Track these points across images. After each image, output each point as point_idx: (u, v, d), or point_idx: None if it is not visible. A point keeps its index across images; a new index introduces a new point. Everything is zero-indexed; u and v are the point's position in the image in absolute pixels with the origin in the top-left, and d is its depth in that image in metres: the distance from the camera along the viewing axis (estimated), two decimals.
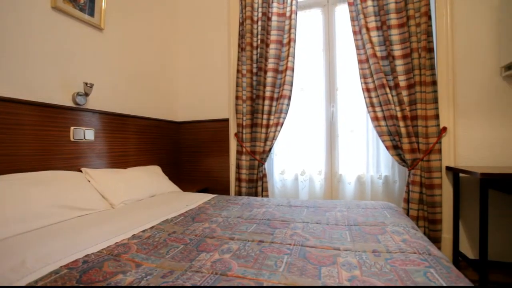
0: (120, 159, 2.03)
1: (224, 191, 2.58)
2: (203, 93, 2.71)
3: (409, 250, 0.97)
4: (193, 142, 2.74)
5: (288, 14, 2.29)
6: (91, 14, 1.81)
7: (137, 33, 2.25)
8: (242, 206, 1.67)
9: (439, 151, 1.95)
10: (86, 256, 0.91)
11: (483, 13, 1.94)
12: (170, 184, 2.15)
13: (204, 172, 2.70)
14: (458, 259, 1.96)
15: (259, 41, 2.34)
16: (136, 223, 1.29)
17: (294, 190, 2.39)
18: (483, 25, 1.95)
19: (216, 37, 2.65)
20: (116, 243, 1.03)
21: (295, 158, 2.40)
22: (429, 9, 1.94)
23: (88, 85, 1.69)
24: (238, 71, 2.41)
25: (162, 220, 1.35)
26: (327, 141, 2.32)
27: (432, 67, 1.93)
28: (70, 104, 1.67)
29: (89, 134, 1.77)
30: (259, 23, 2.35)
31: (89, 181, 1.60)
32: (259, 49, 2.33)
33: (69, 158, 1.64)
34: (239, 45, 2.43)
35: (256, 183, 2.33)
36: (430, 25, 1.94)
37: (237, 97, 2.41)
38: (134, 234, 1.13)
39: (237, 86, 2.41)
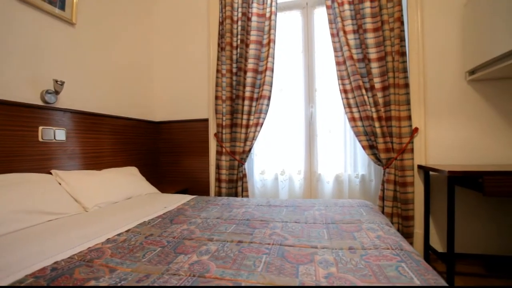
0: (94, 160, 1.95)
1: (204, 192, 2.55)
2: (182, 92, 2.66)
3: (382, 246, 1.01)
4: (172, 143, 2.69)
5: (268, 15, 2.31)
6: (62, 7, 1.72)
7: (111, 29, 2.17)
8: (221, 207, 1.66)
9: (412, 150, 2.04)
10: (55, 263, 0.86)
11: (450, 21, 2.06)
12: (148, 186, 2.09)
13: (183, 173, 2.66)
14: (429, 253, 2.06)
15: (239, 41, 2.34)
16: (111, 226, 1.24)
17: (274, 190, 2.41)
18: (450, 32, 2.06)
19: (195, 36, 2.62)
20: (89, 248, 0.99)
21: (275, 158, 2.42)
22: (402, 15, 2.03)
23: (58, 82, 1.61)
24: (217, 70, 2.40)
25: (139, 222, 1.31)
26: (306, 141, 2.36)
27: (404, 70, 2.02)
28: (38, 102, 1.58)
29: (60, 134, 1.68)
30: (239, 23, 2.35)
31: (60, 184, 1.52)
32: (239, 49, 2.33)
33: (37, 160, 1.55)
34: (218, 45, 2.41)
35: (236, 184, 2.32)
36: (403, 30, 2.02)
37: (216, 97, 2.40)
38: (108, 238, 1.09)
39: (216, 86, 2.40)
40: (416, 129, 2.07)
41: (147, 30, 2.62)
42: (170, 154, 2.69)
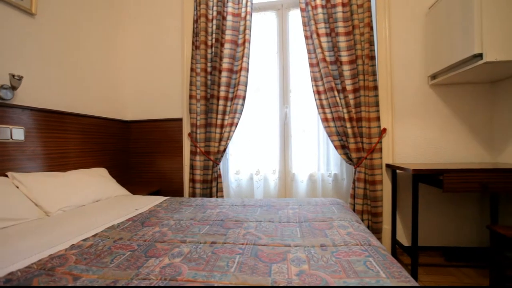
0: (58, 162, 1.83)
1: (178, 193, 2.50)
2: (154, 91, 2.58)
3: (352, 242, 1.05)
4: (145, 143, 2.60)
5: (243, 14, 2.30)
6: None
7: (76, 22, 2.04)
8: (195, 208, 1.63)
9: (380, 150, 2.14)
10: (9, 274, 0.80)
11: (414, 29, 2.19)
12: (118, 187, 2.00)
13: (156, 173, 2.58)
14: (395, 247, 2.17)
15: (213, 40, 2.31)
16: (77, 231, 1.17)
17: (249, 189, 2.41)
18: (414, 38, 2.19)
19: (168, 33, 2.55)
20: (50, 255, 0.92)
21: (250, 158, 2.43)
22: (371, 21, 2.12)
23: (15, 77, 1.49)
24: (192, 69, 2.35)
25: (107, 226, 1.25)
26: (281, 141, 2.39)
27: (374, 73, 2.11)
28: None
29: (18, 134, 1.56)
30: (214, 21, 2.32)
31: (17, 187, 1.41)
32: (213, 48, 2.30)
33: None
34: (193, 43, 2.37)
35: (210, 184, 2.30)
36: (372, 35, 2.12)
37: (190, 96, 2.35)
38: (73, 244, 1.03)
39: (190, 84, 2.35)
40: (385, 130, 2.18)
41: (116, 25, 2.51)
42: (142, 154, 2.60)
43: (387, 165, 2.15)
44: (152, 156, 2.58)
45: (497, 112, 2.08)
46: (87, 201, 1.64)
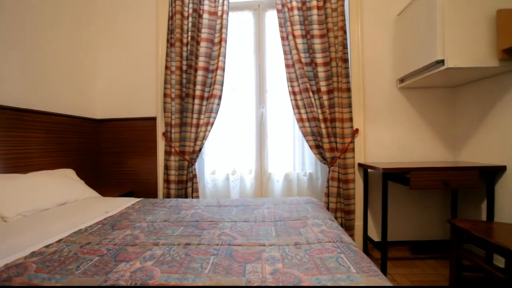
0: (18, 163, 1.70)
1: (151, 194, 2.42)
2: (127, 89, 2.48)
3: (325, 240, 1.08)
4: (117, 142, 2.49)
5: (219, 13, 2.28)
6: None
7: (40, 8, 1.90)
8: (169, 209, 1.59)
9: (353, 150, 2.22)
10: None
11: (384, 33, 2.29)
12: (87, 189, 1.90)
13: (129, 174, 2.48)
14: (367, 242, 2.26)
15: (189, 37, 2.27)
16: (38, 237, 1.10)
17: (225, 190, 2.40)
18: (384, 43, 2.30)
19: (142, 29, 2.47)
20: (6, 265, 0.85)
21: (226, 157, 2.41)
22: (345, 25, 2.19)
23: None
24: (166, 67, 2.29)
25: (73, 231, 1.18)
26: (257, 140, 2.40)
27: (347, 76, 2.18)
28: None
29: None
30: (190, 19, 2.28)
31: None
32: (189, 46, 2.26)
33: None
34: (168, 40, 2.30)
35: (185, 184, 2.26)
36: (346, 38, 2.19)
37: (165, 95, 2.29)
38: (34, 251, 0.96)
39: (165, 83, 2.29)
40: (357, 130, 2.26)
41: (87, 18, 2.38)
42: (114, 154, 2.49)
43: (359, 164, 2.24)
44: (125, 156, 2.48)
45: (457, 115, 2.24)
46: (51, 204, 1.54)
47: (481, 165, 1.83)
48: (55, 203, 1.57)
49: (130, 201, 1.78)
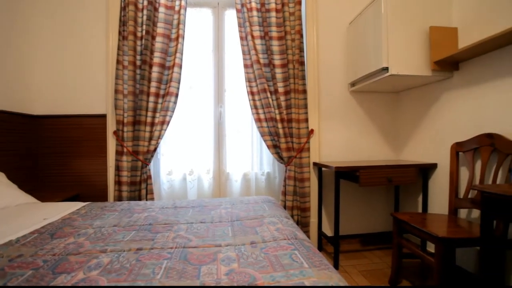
0: None
1: (101, 197, 2.25)
2: (73, 82, 2.26)
3: (280, 237, 1.10)
4: (60, 141, 2.25)
5: (177, 8, 2.20)
6: None
7: None
8: (120, 213, 1.49)
9: (308, 149, 2.32)
10: None
11: (338, 39, 2.43)
12: (21, 194, 1.69)
13: (74, 176, 2.27)
14: (321, 238, 2.38)
15: (144, 31, 2.15)
16: None
17: (182, 190, 2.33)
18: (338, 48, 2.43)
19: (90, 18, 2.27)
20: None
21: (183, 157, 2.34)
22: (302, 29, 2.27)
23: None
24: (118, 61, 2.14)
25: (1, 243, 1.04)
26: (215, 140, 2.37)
27: (303, 78, 2.27)
28: None
29: None
30: (145, 12, 2.16)
31: None
32: (143, 41, 2.14)
33: None
34: (119, 33, 2.16)
35: (139, 186, 2.14)
36: (302, 42, 2.27)
37: (116, 91, 2.14)
38: None
39: (117, 78, 2.14)
40: (312, 131, 2.36)
41: (25, 3, 2.11)
42: (56, 155, 2.25)
43: (314, 164, 2.34)
44: (70, 157, 2.26)
45: (399, 118, 2.47)
46: None
47: (418, 163, 2.04)
48: None
49: (75, 205, 1.63)
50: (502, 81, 1.55)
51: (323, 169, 2.40)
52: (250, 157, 2.40)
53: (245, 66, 2.24)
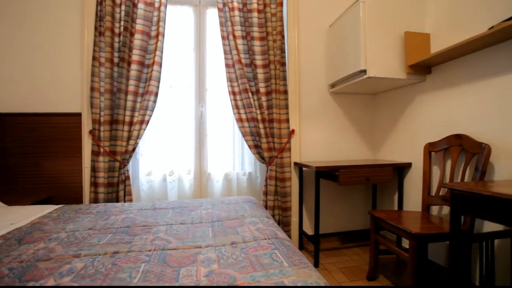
0: None
1: (75, 199, 2.15)
2: (44, 79, 2.14)
3: (261, 237, 1.11)
4: (30, 141, 2.13)
5: (157, 5, 2.15)
6: None
7: None
8: (96, 215, 1.44)
9: (289, 149, 2.34)
10: None
11: (318, 41, 2.48)
12: None
13: (46, 178, 2.15)
14: (302, 236, 2.41)
15: (122, 28, 2.08)
16: None
17: (162, 191, 2.28)
18: (319, 50, 2.48)
19: (64, 11, 2.16)
20: None
21: (163, 158, 2.29)
22: (283, 30, 2.29)
23: None
24: (94, 58, 2.06)
25: None
26: (196, 140, 2.34)
27: (284, 78, 2.29)
28: None
29: None
30: (123, 7, 2.09)
31: None
32: (121, 37, 2.07)
33: None
34: (96, 28, 2.08)
35: (117, 187, 2.07)
36: (284, 43, 2.29)
37: (92, 89, 2.06)
38: None
39: (92, 75, 2.06)
40: (293, 131, 2.39)
41: None
42: (26, 155, 2.13)
43: (295, 163, 2.37)
44: (40, 158, 2.14)
45: (377, 119, 2.56)
46: None
47: (394, 162, 2.12)
48: None
49: (46, 209, 1.55)
50: (469, 85, 1.65)
51: (303, 169, 2.43)
52: (232, 157, 2.39)
53: (227, 65, 2.22)
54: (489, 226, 1.53)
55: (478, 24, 1.60)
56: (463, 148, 1.61)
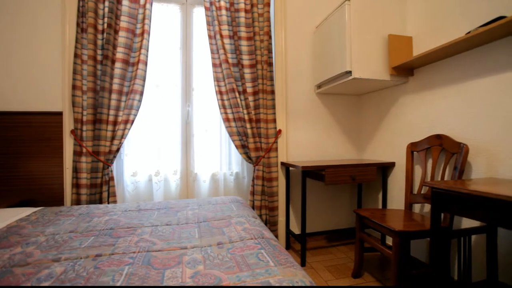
0: None
1: (56, 201, 2.08)
2: (22, 76, 2.06)
3: (247, 237, 1.11)
4: (7, 141, 2.04)
5: (142, 2, 2.11)
6: None
7: None
8: (78, 218, 1.40)
9: (276, 149, 2.35)
10: None
11: (305, 42, 2.50)
12: None
13: (24, 180, 2.07)
14: (289, 236, 2.43)
15: (105, 24, 2.03)
16: None
17: (147, 192, 2.23)
18: (305, 51, 2.50)
19: (43, 5, 2.08)
20: None
21: (148, 158, 2.25)
22: (270, 30, 2.30)
23: None
24: (76, 55, 2.00)
25: None
26: (183, 140, 2.31)
27: (271, 79, 2.30)
28: None
29: None
30: (107, 3, 2.04)
31: None
32: (105, 34, 2.02)
33: None
34: (78, 24, 2.01)
35: (100, 189, 2.01)
36: (271, 43, 2.30)
37: (74, 87, 2.00)
38: None
39: (74, 73, 2.00)
40: (280, 131, 2.40)
41: None
42: (3, 155, 2.04)
43: (282, 163, 2.38)
44: (19, 158, 2.06)
45: (362, 119, 2.61)
46: None
47: (378, 162, 2.17)
48: None
49: (24, 211, 1.49)
50: (449, 87, 1.71)
51: (290, 168, 2.45)
52: (219, 157, 2.38)
53: (214, 65, 2.21)
54: (467, 223, 1.59)
55: (458, 29, 1.66)
56: (443, 148, 1.67)
